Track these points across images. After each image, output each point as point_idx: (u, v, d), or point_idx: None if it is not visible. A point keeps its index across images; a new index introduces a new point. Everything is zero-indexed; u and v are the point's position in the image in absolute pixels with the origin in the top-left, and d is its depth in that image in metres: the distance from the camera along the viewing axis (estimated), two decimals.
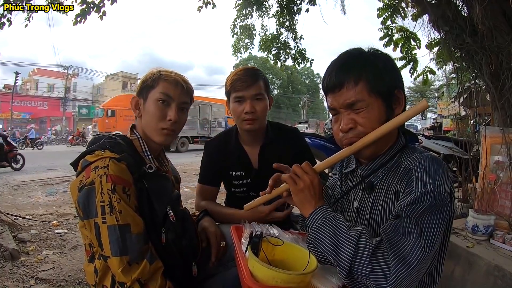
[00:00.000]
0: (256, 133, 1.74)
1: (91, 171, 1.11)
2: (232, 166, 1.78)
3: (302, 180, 1.02)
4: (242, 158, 1.77)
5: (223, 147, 1.81)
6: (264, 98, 1.69)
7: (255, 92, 1.64)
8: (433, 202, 0.88)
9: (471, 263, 2.11)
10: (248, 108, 1.63)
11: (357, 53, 1.05)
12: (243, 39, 7.24)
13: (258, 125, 1.69)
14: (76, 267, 3.01)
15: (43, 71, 41.74)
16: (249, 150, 1.78)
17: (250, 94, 1.64)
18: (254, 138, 1.76)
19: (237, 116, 1.68)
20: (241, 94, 1.64)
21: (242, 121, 1.66)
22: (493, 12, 2.57)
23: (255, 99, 1.65)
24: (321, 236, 0.93)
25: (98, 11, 4.42)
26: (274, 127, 1.85)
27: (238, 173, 1.77)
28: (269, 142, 1.77)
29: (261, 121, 1.71)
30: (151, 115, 1.30)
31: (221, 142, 1.84)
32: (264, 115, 1.70)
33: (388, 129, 0.96)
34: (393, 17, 4.56)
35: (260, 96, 1.67)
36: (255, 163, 1.77)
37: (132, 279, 1.06)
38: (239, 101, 1.66)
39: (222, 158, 1.79)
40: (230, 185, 1.82)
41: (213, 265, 1.44)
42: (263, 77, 1.71)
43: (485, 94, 3.03)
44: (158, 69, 1.36)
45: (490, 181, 2.48)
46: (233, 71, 1.73)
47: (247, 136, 1.76)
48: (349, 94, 0.98)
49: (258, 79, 1.66)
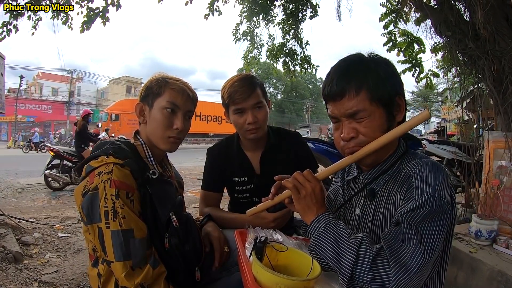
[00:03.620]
0: (258, 140, 1.74)
1: (95, 176, 1.12)
2: (235, 172, 1.78)
3: (304, 187, 1.02)
4: (244, 164, 1.77)
5: (225, 153, 1.81)
6: (264, 105, 1.68)
7: (254, 102, 1.62)
8: (433, 208, 0.88)
9: (474, 269, 2.10)
10: (250, 119, 1.61)
11: (358, 59, 1.04)
12: (251, 50, 7.28)
13: (261, 133, 1.69)
14: (79, 270, 3.02)
15: (48, 75, 42.01)
16: (251, 156, 1.78)
17: (249, 104, 1.62)
18: (256, 144, 1.76)
19: (240, 127, 1.67)
20: (240, 106, 1.62)
21: (245, 131, 1.66)
22: (495, 17, 2.58)
23: (256, 108, 1.64)
24: (322, 243, 0.94)
25: (103, 17, 4.47)
26: (275, 132, 1.85)
27: (241, 179, 1.77)
28: (271, 147, 1.77)
29: (264, 129, 1.70)
30: (158, 124, 1.31)
31: (222, 148, 1.84)
32: (266, 122, 1.70)
33: (390, 138, 0.95)
34: (396, 22, 4.55)
35: (260, 104, 1.65)
36: (257, 169, 1.77)
37: (136, 283, 1.06)
38: (240, 112, 1.64)
39: (224, 164, 1.79)
40: (233, 191, 1.82)
41: (216, 270, 1.44)
42: (259, 83, 1.69)
43: (488, 98, 3.03)
44: (162, 74, 1.37)
45: (493, 186, 2.47)
46: (228, 81, 1.68)
47: (249, 142, 1.75)
48: (351, 104, 0.98)
49: (255, 88, 1.64)
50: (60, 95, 40.06)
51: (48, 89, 40.89)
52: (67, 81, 39.21)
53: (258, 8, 6.29)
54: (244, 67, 7.64)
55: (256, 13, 6.40)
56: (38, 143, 22.25)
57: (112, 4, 4.43)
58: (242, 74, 1.78)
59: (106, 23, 4.55)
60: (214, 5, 5.44)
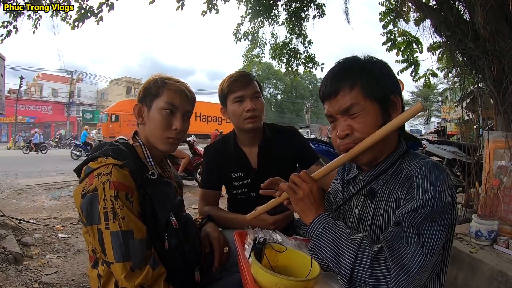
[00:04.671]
0: (255, 133, 1.77)
1: (94, 177, 1.12)
2: (231, 167, 1.80)
3: (301, 189, 1.02)
4: (241, 159, 1.80)
5: (222, 150, 1.84)
6: (261, 97, 1.76)
7: (253, 91, 1.70)
8: (433, 209, 0.88)
9: (474, 269, 2.10)
10: (249, 106, 1.66)
11: (353, 60, 1.06)
12: (253, 48, 7.27)
13: (259, 123, 1.73)
14: (79, 271, 3.02)
15: (48, 75, 42.00)
16: (247, 151, 1.80)
17: (249, 92, 1.69)
18: (252, 139, 1.79)
19: (238, 116, 1.70)
20: (240, 93, 1.68)
21: (244, 120, 1.69)
22: (495, 16, 2.58)
23: (255, 97, 1.71)
24: (322, 243, 0.94)
25: (95, 16, 4.46)
26: (271, 127, 1.89)
27: (238, 174, 1.79)
28: (267, 141, 1.80)
29: (261, 120, 1.75)
30: (157, 124, 1.31)
31: (219, 145, 1.88)
32: (263, 114, 1.75)
33: (384, 133, 0.96)
34: (395, 21, 4.55)
35: (258, 95, 1.73)
36: (254, 163, 1.79)
37: (135, 284, 1.07)
38: (239, 101, 1.69)
39: (221, 160, 1.81)
40: (230, 187, 1.83)
41: (216, 271, 1.44)
42: (255, 79, 1.77)
43: (488, 98, 3.02)
44: (160, 75, 1.38)
45: (494, 186, 2.47)
46: (226, 77, 1.77)
47: (245, 137, 1.78)
48: (345, 100, 0.99)
49: (252, 80, 1.74)
50: (60, 96, 40.06)
51: (48, 90, 40.86)
52: (67, 82, 39.27)
53: (261, 8, 6.29)
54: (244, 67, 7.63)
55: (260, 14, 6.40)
56: (38, 144, 22.25)
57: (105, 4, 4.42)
58: (241, 70, 1.83)
59: (99, 22, 4.54)
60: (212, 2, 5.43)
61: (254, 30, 6.83)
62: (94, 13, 4.44)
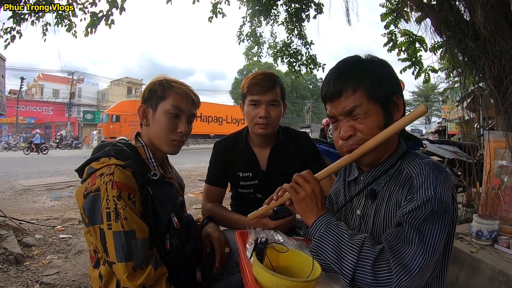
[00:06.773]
0: (267, 136, 1.75)
1: (97, 178, 1.13)
2: (240, 166, 1.78)
3: (304, 189, 1.02)
4: (251, 159, 1.78)
5: (232, 147, 1.82)
6: (279, 105, 1.71)
7: (271, 98, 1.66)
8: (434, 209, 0.88)
9: (475, 268, 2.10)
10: (262, 113, 1.64)
11: (355, 61, 1.05)
12: (253, 46, 7.27)
13: (270, 131, 1.70)
14: (80, 272, 3.02)
15: (48, 76, 41.98)
16: (258, 152, 1.79)
17: (266, 99, 1.65)
18: (265, 141, 1.77)
19: (251, 119, 1.68)
20: (257, 98, 1.65)
21: (254, 124, 1.68)
22: (495, 16, 2.58)
23: (271, 104, 1.67)
24: (324, 244, 0.94)
25: (107, 20, 4.47)
26: (285, 131, 1.86)
27: (245, 174, 1.78)
28: (279, 145, 1.78)
29: (274, 127, 1.72)
30: (162, 127, 1.32)
31: (230, 142, 1.85)
32: (278, 121, 1.72)
33: (387, 135, 0.95)
34: (397, 21, 4.54)
35: (276, 103, 1.68)
36: (263, 165, 1.78)
37: (137, 284, 1.07)
38: (254, 104, 1.67)
39: (230, 158, 1.80)
40: (237, 185, 1.82)
41: (217, 271, 1.45)
42: (280, 83, 1.72)
43: (488, 98, 3.02)
44: (165, 77, 1.39)
45: (494, 186, 2.47)
46: (252, 74, 1.73)
47: (257, 138, 1.77)
48: (348, 102, 0.99)
49: (275, 85, 1.68)
50: (61, 96, 40.04)
51: (49, 90, 40.84)
52: (67, 82, 39.20)
53: (261, 8, 6.30)
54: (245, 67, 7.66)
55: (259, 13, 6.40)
56: (39, 145, 22.26)
57: (115, 7, 4.43)
58: (266, 70, 1.80)
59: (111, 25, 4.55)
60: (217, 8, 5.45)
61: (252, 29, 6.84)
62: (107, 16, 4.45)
